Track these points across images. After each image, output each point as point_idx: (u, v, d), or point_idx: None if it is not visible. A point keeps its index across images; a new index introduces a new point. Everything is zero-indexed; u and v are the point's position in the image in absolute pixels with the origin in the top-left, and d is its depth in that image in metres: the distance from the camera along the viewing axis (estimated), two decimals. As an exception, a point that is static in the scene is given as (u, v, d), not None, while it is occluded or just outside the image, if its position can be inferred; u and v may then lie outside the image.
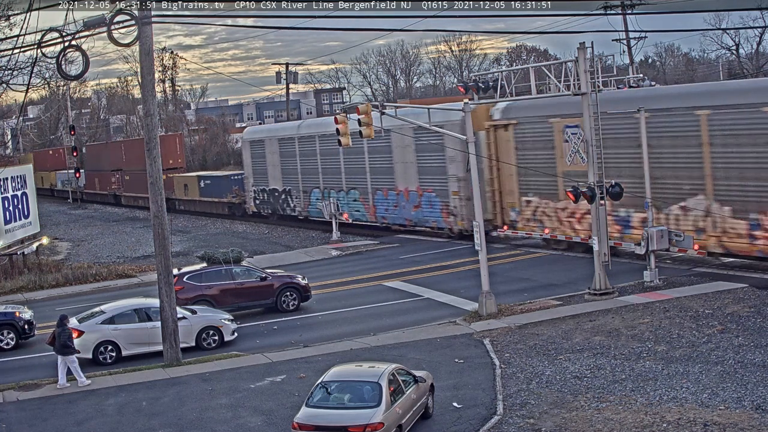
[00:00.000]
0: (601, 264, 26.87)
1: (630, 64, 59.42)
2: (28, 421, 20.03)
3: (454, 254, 37.53)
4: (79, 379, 22.54)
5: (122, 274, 39.16)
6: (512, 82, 29.23)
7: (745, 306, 24.13)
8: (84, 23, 23.43)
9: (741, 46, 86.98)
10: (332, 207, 44.86)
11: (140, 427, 19.12)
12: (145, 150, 24.06)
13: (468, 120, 27.04)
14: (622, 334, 22.69)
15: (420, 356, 22.41)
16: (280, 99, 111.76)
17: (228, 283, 29.25)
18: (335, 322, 27.89)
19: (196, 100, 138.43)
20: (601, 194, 26.62)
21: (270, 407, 19.61)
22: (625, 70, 57.22)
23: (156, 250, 24.14)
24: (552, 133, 34.65)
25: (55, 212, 76.61)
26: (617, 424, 16.75)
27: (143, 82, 24.34)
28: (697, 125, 29.14)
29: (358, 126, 26.99)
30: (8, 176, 40.74)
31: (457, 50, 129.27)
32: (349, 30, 53.11)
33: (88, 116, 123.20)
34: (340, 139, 28.20)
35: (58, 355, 22.67)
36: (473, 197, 27.28)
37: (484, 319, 25.78)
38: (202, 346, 25.52)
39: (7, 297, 35.69)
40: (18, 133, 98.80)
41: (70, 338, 22.85)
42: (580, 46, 26.44)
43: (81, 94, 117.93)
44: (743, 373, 18.96)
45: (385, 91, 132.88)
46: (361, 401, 16.50)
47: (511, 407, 18.29)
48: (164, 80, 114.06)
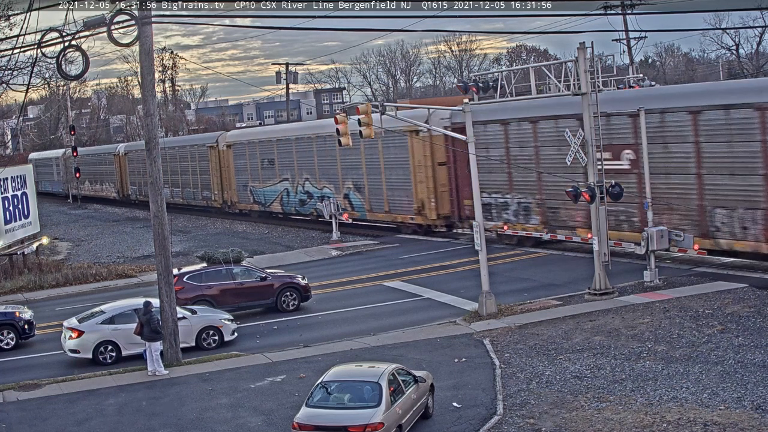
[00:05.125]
0: (601, 264, 26.87)
1: (630, 64, 59.45)
2: (28, 421, 20.03)
3: (454, 254, 37.55)
4: (158, 368, 22.70)
5: (122, 274, 39.16)
6: (512, 82, 29.23)
7: (745, 306, 24.12)
8: (84, 23, 23.44)
9: (741, 46, 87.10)
10: (332, 207, 44.83)
11: (140, 427, 19.12)
12: (145, 150, 24.08)
13: (468, 120, 27.05)
14: (622, 334, 22.69)
15: (420, 356, 22.41)
16: (280, 99, 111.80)
17: (228, 283, 29.26)
18: (335, 322, 27.90)
19: (196, 100, 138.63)
20: (602, 194, 26.63)
21: (270, 407, 19.61)
22: (625, 70, 57.26)
23: (156, 250, 24.14)
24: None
25: (55, 212, 76.63)
26: (617, 424, 16.75)
27: (143, 82, 24.35)
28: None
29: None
30: (8, 176, 40.73)
31: (457, 50, 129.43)
32: (348, 30, 53.37)
33: (88, 116, 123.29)
34: (340, 140, 28.24)
35: (147, 342, 22.88)
36: (473, 197, 27.27)
37: (484, 319, 25.79)
38: (202, 346, 25.52)
39: (7, 297, 35.70)
40: (18, 133, 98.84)
41: (159, 324, 23.16)
42: (580, 46, 26.44)
43: (81, 94, 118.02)
44: (743, 373, 18.96)
45: (385, 91, 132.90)
46: (361, 401, 16.50)
47: (511, 407, 18.29)
48: (164, 80, 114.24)
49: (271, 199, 53.75)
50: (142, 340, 23.19)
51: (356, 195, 45.89)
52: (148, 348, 22.93)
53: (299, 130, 54.17)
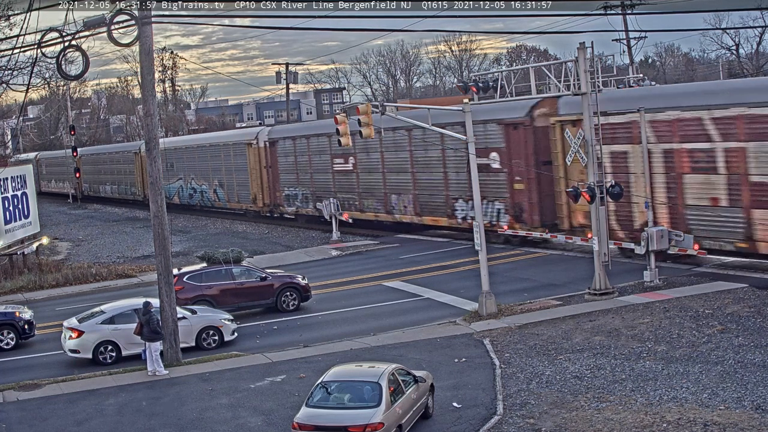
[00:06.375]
0: (601, 264, 26.87)
1: (630, 64, 59.43)
2: (28, 421, 20.03)
3: (454, 254, 37.55)
4: (158, 368, 22.71)
5: (122, 274, 39.16)
6: (512, 82, 29.22)
7: (745, 306, 24.12)
8: (84, 23, 23.43)
9: (741, 46, 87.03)
10: (332, 207, 44.90)
11: (140, 427, 19.13)
12: (145, 150, 24.08)
13: (468, 120, 27.04)
14: (622, 334, 22.70)
15: (420, 356, 22.42)
16: (280, 99, 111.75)
17: (228, 283, 29.25)
18: (335, 322, 27.90)
19: (196, 100, 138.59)
20: (602, 194, 26.64)
21: (270, 407, 19.62)
22: (625, 70, 57.26)
23: (156, 250, 24.14)
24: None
25: (55, 212, 76.64)
26: (617, 424, 16.75)
27: (143, 82, 24.34)
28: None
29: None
30: (8, 176, 40.72)
31: (457, 50, 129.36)
32: (348, 30, 53.32)
33: (88, 116, 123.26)
34: (340, 140, 28.30)
35: (146, 342, 22.89)
36: (473, 197, 27.28)
37: (484, 319, 25.79)
38: (202, 346, 25.52)
39: (7, 297, 35.70)
40: (18, 133, 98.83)
41: (159, 324, 23.14)
42: (580, 46, 26.44)
43: (81, 94, 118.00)
44: (743, 373, 18.96)
45: (385, 91, 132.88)
46: (361, 401, 16.50)
47: (511, 407, 18.29)
48: (164, 80, 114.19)
49: (172, 193, 66.17)
50: (141, 340, 23.20)
51: (221, 190, 60.71)
52: (148, 348, 22.93)
53: (186, 141, 70.60)
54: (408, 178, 42.85)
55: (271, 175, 54.09)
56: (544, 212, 35.93)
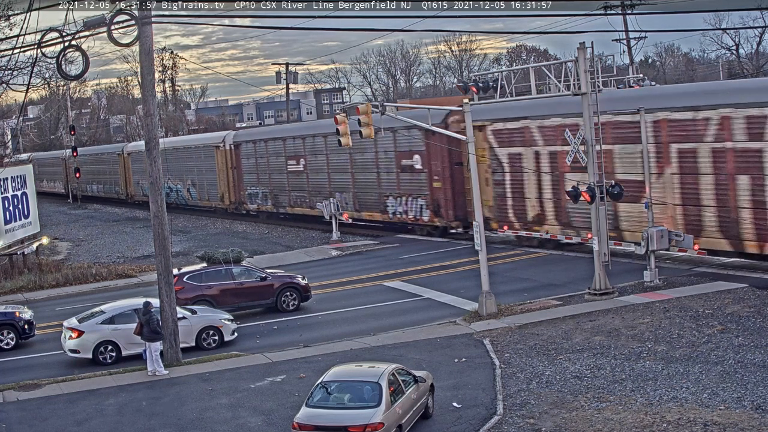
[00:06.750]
0: (601, 264, 26.87)
1: (630, 64, 59.44)
2: (28, 421, 20.03)
3: (454, 254, 37.55)
4: (158, 368, 22.72)
5: (122, 274, 39.16)
6: (512, 82, 29.23)
7: (745, 306, 24.13)
8: (84, 23, 23.42)
9: (741, 46, 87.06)
10: (332, 207, 44.92)
11: (140, 427, 19.12)
12: (145, 150, 24.08)
13: (468, 120, 27.05)
14: (622, 334, 22.70)
15: (420, 356, 22.42)
16: (280, 99, 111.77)
17: (228, 283, 29.25)
18: (335, 322, 27.90)
19: (196, 100, 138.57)
20: (601, 194, 26.63)
21: (270, 407, 19.62)
22: (625, 70, 57.27)
23: (156, 250, 24.14)
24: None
25: (55, 212, 76.68)
26: (617, 424, 16.75)
27: (143, 82, 24.34)
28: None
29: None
30: (8, 176, 40.72)
31: (457, 50, 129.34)
32: (348, 30, 53.33)
33: (88, 116, 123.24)
34: (340, 140, 28.32)
35: (146, 342, 22.90)
36: (473, 197, 27.28)
37: (484, 319, 25.79)
38: (202, 346, 25.52)
39: (7, 297, 35.70)
40: (18, 133, 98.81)
41: (159, 324, 23.14)
42: (580, 46, 26.43)
43: (81, 94, 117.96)
44: (743, 373, 18.96)
45: (385, 91, 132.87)
46: (361, 401, 16.50)
47: (511, 407, 18.29)
48: (164, 80, 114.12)
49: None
50: (142, 340, 23.20)
51: (193, 189, 65.39)
52: (148, 348, 22.93)
53: (164, 143, 75.62)
54: (348, 178, 47.24)
55: (236, 176, 58.80)
56: (458, 207, 40.36)
